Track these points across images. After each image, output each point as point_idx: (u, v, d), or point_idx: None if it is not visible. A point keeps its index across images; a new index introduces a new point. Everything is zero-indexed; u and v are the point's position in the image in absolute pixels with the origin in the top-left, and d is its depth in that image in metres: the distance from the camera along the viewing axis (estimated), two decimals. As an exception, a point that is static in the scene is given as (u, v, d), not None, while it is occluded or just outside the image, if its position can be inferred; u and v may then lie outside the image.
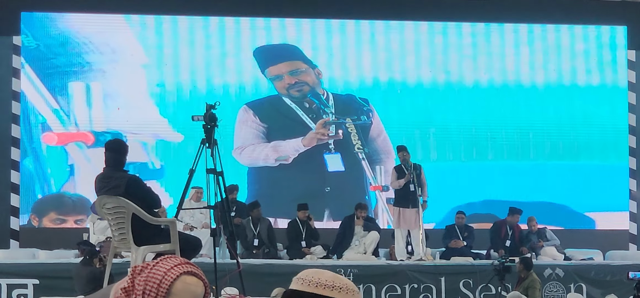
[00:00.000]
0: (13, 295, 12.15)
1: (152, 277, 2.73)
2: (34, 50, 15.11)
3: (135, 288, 2.74)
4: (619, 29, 16.13)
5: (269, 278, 11.86)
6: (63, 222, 15.12)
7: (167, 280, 2.71)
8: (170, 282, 2.70)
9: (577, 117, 16.00)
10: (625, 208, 15.98)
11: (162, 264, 2.75)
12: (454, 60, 15.87)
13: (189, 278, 2.74)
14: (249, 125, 15.48)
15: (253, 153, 15.44)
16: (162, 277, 2.71)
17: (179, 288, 2.71)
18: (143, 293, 2.71)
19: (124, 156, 8.00)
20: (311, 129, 15.57)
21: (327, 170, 15.55)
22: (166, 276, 2.72)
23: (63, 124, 15.11)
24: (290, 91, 15.63)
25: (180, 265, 2.75)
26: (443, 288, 12.86)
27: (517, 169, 15.84)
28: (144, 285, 2.72)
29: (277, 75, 15.65)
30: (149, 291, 2.70)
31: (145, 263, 2.81)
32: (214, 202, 8.75)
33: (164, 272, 2.72)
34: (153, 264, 2.76)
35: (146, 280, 2.73)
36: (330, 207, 15.45)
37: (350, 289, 2.65)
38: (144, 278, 2.73)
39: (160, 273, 2.72)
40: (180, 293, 2.72)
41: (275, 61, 15.68)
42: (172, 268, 2.73)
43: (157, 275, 2.72)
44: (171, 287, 2.70)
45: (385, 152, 15.63)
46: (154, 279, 2.72)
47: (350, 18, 15.74)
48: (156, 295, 2.69)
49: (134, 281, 2.77)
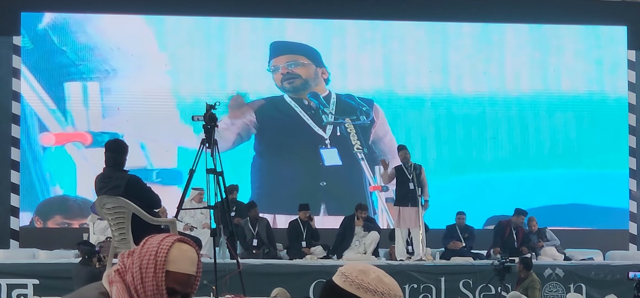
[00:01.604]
0: (13, 295, 12.15)
1: (146, 252, 2.75)
2: (33, 50, 15.12)
3: (129, 268, 2.75)
4: (619, 29, 16.13)
5: (269, 278, 11.87)
6: (69, 225, 15.11)
7: (163, 249, 2.74)
8: (166, 251, 2.73)
9: (577, 116, 16.00)
10: (626, 208, 15.98)
11: (152, 240, 2.79)
12: (454, 61, 15.86)
13: (183, 245, 2.79)
14: (248, 123, 15.49)
15: (247, 149, 15.46)
16: (157, 249, 2.74)
17: (176, 255, 2.75)
18: (139, 268, 2.72)
19: (124, 156, 8.01)
20: (311, 128, 15.57)
21: (323, 165, 15.55)
22: (161, 246, 2.75)
23: (61, 125, 15.11)
24: (283, 83, 15.64)
25: (170, 236, 2.80)
26: (443, 288, 12.85)
27: (517, 169, 15.83)
28: (139, 261, 2.74)
29: (276, 67, 15.65)
30: (146, 265, 2.72)
31: (133, 249, 2.84)
32: (214, 202, 8.75)
33: (157, 243, 2.76)
34: (143, 243, 2.78)
35: (140, 257, 2.75)
36: (326, 202, 15.46)
37: (392, 296, 2.60)
38: (137, 255, 2.76)
39: (153, 246, 2.75)
40: (178, 258, 2.76)
41: (281, 53, 15.69)
42: (164, 239, 2.77)
43: (151, 249, 2.75)
44: (168, 255, 2.72)
45: (393, 152, 15.64)
46: (148, 253, 2.74)
47: (359, 18, 15.75)
48: (154, 267, 2.71)
49: (125, 263, 2.79)
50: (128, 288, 2.74)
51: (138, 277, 2.73)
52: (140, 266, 2.74)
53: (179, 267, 2.75)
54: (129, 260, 2.79)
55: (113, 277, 2.78)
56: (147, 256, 2.74)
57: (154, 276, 2.72)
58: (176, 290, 2.76)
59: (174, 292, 2.76)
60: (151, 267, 2.72)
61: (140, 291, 2.73)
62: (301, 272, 12.69)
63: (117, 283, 2.76)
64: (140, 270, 2.73)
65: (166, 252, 2.75)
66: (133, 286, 2.74)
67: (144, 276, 2.73)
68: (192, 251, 2.82)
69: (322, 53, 15.72)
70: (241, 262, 9.46)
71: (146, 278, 2.72)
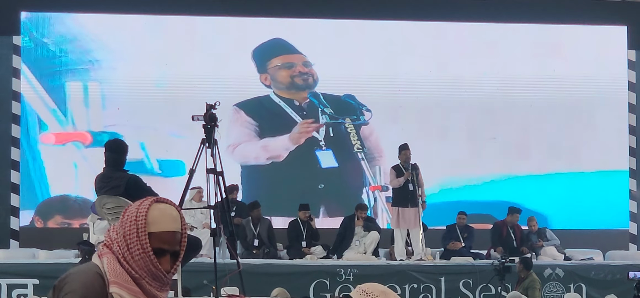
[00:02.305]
0: (13, 295, 12.15)
1: (126, 219, 2.77)
2: (33, 50, 15.12)
3: (115, 239, 2.77)
4: (619, 29, 16.13)
5: (269, 278, 11.87)
6: (69, 225, 15.11)
7: (141, 213, 2.75)
8: (145, 213, 2.75)
9: (577, 116, 16.00)
10: (626, 208, 15.98)
11: (131, 207, 2.80)
12: (454, 61, 15.85)
13: (161, 205, 2.80)
14: (240, 124, 15.48)
15: (244, 151, 15.45)
16: (135, 214, 2.75)
17: (156, 215, 2.76)
18: (123, 236, 2.74)
19: (124, 156, 8.01)
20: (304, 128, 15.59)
21: (320, 167, 15.55)
22: (139, 210, 2.76)
23: (61, 124, 15.11)
24: (294, 80, 15.63)
25: (147, 199, 2.81)
26: (443, 288, 12.86)
27: (518, 169, 15.83)
28: (121, 230, 2.76)
29: (284, 65, 15.63)
30: (128, 231, 2.74)
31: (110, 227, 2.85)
32: (214, 202, 8.75)
33: (135, 209, 2.78)
34: (123, 212, 2.80)
35: (122, 225, 2.77)
36: (325, 204, 15.45)
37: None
38: (120, 225, 2.78)
39: (132, 212, 2.77)
40: (159, 218, 2.76)
41: (274, 55, 15.68)
42: (141, 203, 2.78)
43: (130, 216, 2.76)
44: (147, 217, 2.74)
45: (379, 151, 15.65)
46: (129, 220, 2.76)
47: (347, 18, 15.74)
48: (136, 231, 2.73)
49: (110, 236, 2.80)
50: (117, 258, 2.75)
51: (123, 245, 2.74)
52: (124, 234, 2.75)
53: (161, 227, 2.75)
54: (114, 232, 2.80)
55: (101, 250, 2.80)
56: (128, 223, 2.76)
57: (137, 240, 2.72)
58: (164, 249, 2.76)
59: (162, 252, 2.76)
60: (133, 232, 2.73)
61: (129, 258, 2.74)
62: (301, 272, 12.69)
63: (106, 254, 2.78)
64: (124, 238, 2.75)
65: (145, 214, 2.75)
66: (121, 255, 2.75)
67: (128, 243, 2.74)
68: (172, 208, 2.82)
69: (323, 53, 15.71)
70: (241, 261, 9.46)
71: (131, 244, 2.73)
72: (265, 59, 15.67)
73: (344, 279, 12.68)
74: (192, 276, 10.08)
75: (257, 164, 15.48)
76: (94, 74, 15.21)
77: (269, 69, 15.67)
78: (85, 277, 2.75)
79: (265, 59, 15.67)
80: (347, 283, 12.63)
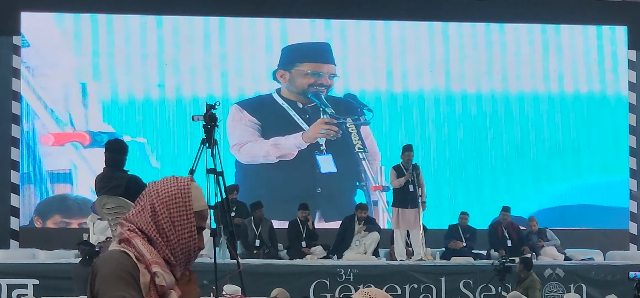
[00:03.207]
0: (13, 295, 12.14)
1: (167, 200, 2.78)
2: (33, 50, 15.11)
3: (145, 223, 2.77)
4: (619, 29, 16.13)
5: (269, 278, 11.87)
6: (68, 225, 15.11)
7: (185, 192, 2.80)
8: (189, 192, 2.81)
9: (577, 116, 16.00)
10: (626, 208, 15.98)
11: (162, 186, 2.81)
12: (454, 61, 15.85)
13: (194, 184, 2.88)
14: (244, 123, 15.47)
15: (252, 150, 15.44)
16: (179, 194, 2.80)
17: (194, 194, 2.84)
18: (170, 218, 2.77)
19: (124, 156, 8.01)
20: (303, 129, 15.56)
21: (319, 172, 15.54)
22: (181, 191, 2.80)
23: (60, 125, 15.10)
24: (310, 89, 15.63)
25: (178, 179, 2.85)
26: (443, 288, 12.86)
27: (518, 169, 15.83)
28: (167, 212, 2.77)
29: (301, 71, 15.63)
30: (175, 213, 2.77)
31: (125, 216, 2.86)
32: (214, 202, 8.75)
33: (176, 189, 2.80)
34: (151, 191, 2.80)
35: (165, 204, 2.77)
36: (321, 209, 15.44)
37: None
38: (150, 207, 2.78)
39: (172, 192, 2.79)
40: (198, 196, 2.84)
41: (304, 60, 15.66)
42: (179, 182, 2.82)
43: (172, 196, 2.78)
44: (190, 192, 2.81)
45: (373, 153, 15.66)
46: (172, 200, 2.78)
47: (347, 18, 15.74)
48: (186, 212, 2.78)
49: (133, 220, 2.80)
50: (149, 240, 2.78)
51: (168, 225, 2.77)
52: (170, 216, 2.77)
53: (201, 205, 2.83)
54: (137, 216, 2.81)
55: (127, 234, 2.81)
56: (173, 205, 2.78)
57: (187, 221, 2.78)
58: (201, 226, 2.84)
59: (200, 229, 2.83)
60: (183, 213, 2.77)
61: (172, 239, 2.77)
62: (301, 272, 12.69)
63: (135, 237, 2.79)
64: (171, 220, 2.77)
65: (189, 194, 2.80)
66: (157, 236, 2.77)
67: (175, 224, 2.78)
68: (199, 186, 2.89)
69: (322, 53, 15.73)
70: (241, 261, 9.46)
71: (178, 226, 2.77)
72: (295, 60, 15.61)
73: (344, 279, 12.69)
74: (192, 276, 10.04)
75: (264, 163, 15.44)
76: (94, 74, 15.20)
77: (293, 70, 15.62)
78: (117, 256, 2.79)
79: (295, 60, 15.61)
80: (347, 283, 12.64)
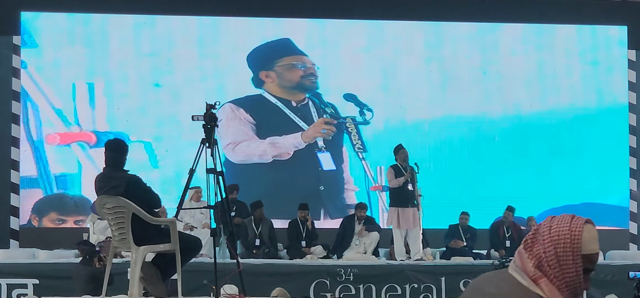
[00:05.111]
0: (13, 295, 12.14)
1: (559, 240, 2.81)
2: (34, 50, 15.12)
3: (544, 259, 2.80)
4: (619, 29, 16.13)
5: (269, 278, 11.86)
6: (63, 222, 15.13)
7: (576, 235, 2.83)
8: (579, 235, 2.83)
9: (577, 116, 16.00)
10: (626, 207, 15.98)
11: (558, 226, 2.84)
12: (454, 61, 15.86)
13: (588, 226, 2.90)
14: (239, 122, 15.47)
15: (248, 148, 15.44)
16: (570, 236, 2.83)
17: (586, 237, 2.85)
18: (556, 257, 2.79)
19: (124, 156, 7.99)
20: (300, 127, 15.56)
21: (321, 169, 15.55)
22: (573, 233, 2.83)
23: (66, 124, 15.12)
24: (304, 80, 15.63)
25: (576, 219, 2.88)
26: (443, 288, 12.85)
27: (518, 169, 15.83)
28: (553, 251, 2.80)
29: (288, 65, 15.63)
30: (562, 253, 2.80)
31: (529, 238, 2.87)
32: (214, 202, 8.75)
33: (568, 231, 2.83)
34: (549, 227, 2.85)
35: (553, 246, 2.80)
36: (325, 206, 15.45)
37: None
38: (549, 245, 2.81)
39: (564, 233, 2.82)
40: (589, 240, 2.86)
41: (283, 54, 15.66)
42: (572, 224, 2.85)
43: (563, 237, 2.82)
44: (581, 240, 2.84)
45: (378, 151, 15.68)
46: (563, 241, 2.82)
47: (347, 18, 15.75)
48: (572, 254, 2.80)
49: (536, 254, 2.82)
50: (548, 279, 2.81)
51: (554, 266, 2.79)
52: (556, 255, 2.79)
53: (591, 249, 2.85)
54: (542, 251, 2.83)
55: (534, 273, 2.82)
56: (561, 245, 2.80)
57: (573, 263, 2.79)
58: (588, 269, 2.85)
59: (587, 271, 2.85)
60: (569, 255, 2.79)
61: (560, 278, 2.79)
62: (301, 272, 12.69)
63: (542, 279, 2.81)
64: (558, 259, 2.79)
65: (579, 237, 2.82)
66: (552, 276, 2.80)
67: (562, 264, 2.79)
68: (595, 229, 2.91)
69: (321, 53, 15.72)
70: (241, 261, 9.46)
71: (565, 266, 2.79)
72: (273, 57, 15.64)
73: (344, 279, 12.68)
74: (192, 276, 10.07)
75: (259, 162, 15.44)
76: (94, 74, 15.21)
77: (276, 67, 15.64)
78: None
79: (273, 57, 15.64)
80: (347, 283, 12.63)
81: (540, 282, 2.80)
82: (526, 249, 2.84)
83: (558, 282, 2.79)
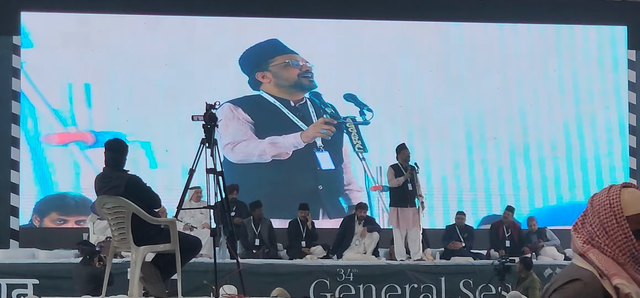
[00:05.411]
0: (13, 295, 12.15)
1: (599, 208, 2.86)
2: (34, 50, 15.11)
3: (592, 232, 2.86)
4: (619, 29, 16.13)
5: (269, 278, 11.87)
6: (64, 222, 15.13)
7: (614, 198, 2.85)
8: (618, 198, 2.84)
9: (577, 116, 16.00)
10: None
11: (599, 196, 2.89)
12: (454, 61, 15.85)
13: (629, 188, 2.88)
14: (238, 122, 15.46)
15: (247, 148, 15.43)
16: (608, 201, 2.85)
17: (627, 199, 2.85)
18: (601, 226, 2.84)
19: (124, 156, 8.00)
20: (298, 127, 15.55)
21: (320, 168, 15.54)
22: (611, 197, 2.85)
23: (63, 124, 15.11)
24: (301, 79, 15.63)
25: (613, 186, 2.89)
26: (443, 288, 12.86)
27: (518, 169, 15.83)
28: (597, 220, 2.85)
29: (285, 63, 15.62)
30: (605, 219, 2.83)
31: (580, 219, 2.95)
32: (214, 202, 8.75)
33: (606, 196, 2.86)
34: (590, 202, 2.90)
35: (596, 214, 2.86)
36: (324, 206, 15.45)
37: None
38: (592, 215, 2.87)
39: (603, 200, 2.86)
40: (631, 201, 2.85)
41: (276, 54, 15.66)
42: (610, 190, 2.87)
43: (602, 203, 2.86)
44: (621, 203, 2.84)
45: (378, 151, 15.68)
46: (602, 207, 2.86)
47: (347, 18, 15.74)
48: (614, 217, 2.82)
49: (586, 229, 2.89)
50: (600, 250, 2.84)
51: (602, 235, 2.82)
52: (600, 224, 2.83)
53: (634, 209, 2.84)
54: (589, 226, 2.87)
55: (582, 248, 2.88)
56: (603, 211, 2.84)
57: (617, 226, 2.81)
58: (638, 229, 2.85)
59: (639, 233, 2.84)
60: (611, 218, 2.82)
61: (611, 245, 2.82)
62: (301, 272, 12.69)
63: (591, 250, 2.86)
64: (602, 226, 2.83)
65: (618, 199, 2.84)
66: (604, 244, 2.83)
67: (607, 230, 2.82)
68: (636, 190, 2.89)
69: (323, 53, 15.71)
70: (241, 261, 9.46)
71: (610, 231, 2.81)
72: (267, 57, 15.65)
73: (344, 279, 12.69)
74: (192, 276, 10.08)
75: (258, 162, 15.43)
76: (95, 75, 15.20)
77: (270, 67, 15.65)
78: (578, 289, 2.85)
79: (267, 57, 15.65)
80: (347, 283, 12.64)
81: (589, 254, 2.85)
82: (575, 231, 2.91)
83: (610, 250, 2.81)
